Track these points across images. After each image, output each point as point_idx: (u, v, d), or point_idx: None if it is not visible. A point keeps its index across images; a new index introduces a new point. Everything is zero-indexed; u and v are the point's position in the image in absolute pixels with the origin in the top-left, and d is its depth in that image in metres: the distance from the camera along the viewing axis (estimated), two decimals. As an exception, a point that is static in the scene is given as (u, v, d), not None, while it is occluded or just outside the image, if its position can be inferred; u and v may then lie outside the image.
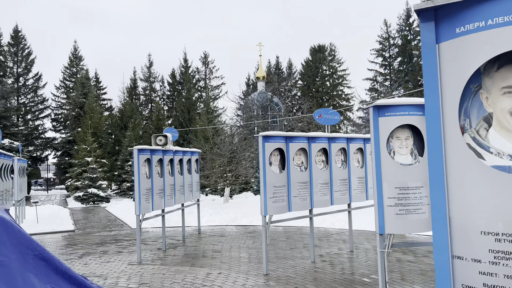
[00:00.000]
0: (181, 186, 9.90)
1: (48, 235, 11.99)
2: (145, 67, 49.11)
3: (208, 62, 49.87)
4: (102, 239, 11.06)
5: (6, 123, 31.17)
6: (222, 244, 9.53)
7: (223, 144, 22.63)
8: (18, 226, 3.94)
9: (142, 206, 7.96)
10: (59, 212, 17.25)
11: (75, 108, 35.56)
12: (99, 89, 48.61)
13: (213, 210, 15.05)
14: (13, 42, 45.09)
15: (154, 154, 8.55)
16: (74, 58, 47.61)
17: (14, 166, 12.81)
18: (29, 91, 45.19)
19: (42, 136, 44.52)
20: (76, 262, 8.18)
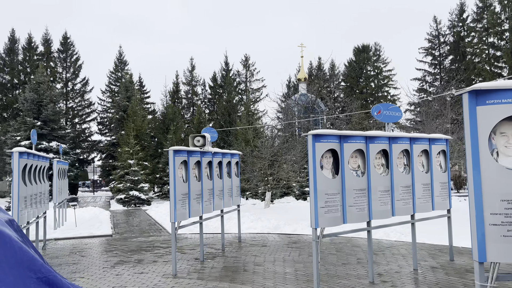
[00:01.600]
0: (220, 190, 9.15)
1: (86, 240, 11.65)
2: (187, 71, 49.40)
3: (248, 65, 49.40)
4: (138, 245, 10.53)
5: (54, 126, 32.05)
6: (264, 256, 8.67)
7: (264, 147, 21.83)
8: (21, 243, 3.24)
9: (178, 212, 7.26)
10: (100, 215, 17.10)
11: (119, 111, 36.13)
12: (143, 93, 49.43)
13: (254, 216, 14.24)
14: (63, 49, 46.78)
15: (192, 155, 7.85)
16: (119, 63, 48.73)
17: (53, 168, 12.63)
18: (77, 96, 46.65)
19: (89, 139, 45.78)
20: (108, 272, 7.60)
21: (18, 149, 7.20)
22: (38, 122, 30.66)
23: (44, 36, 46.17)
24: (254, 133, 25.42)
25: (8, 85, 43.63)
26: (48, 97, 31.78)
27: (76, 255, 9.30)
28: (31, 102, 31.03)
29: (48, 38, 46.20)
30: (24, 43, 45.19)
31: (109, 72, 48.41)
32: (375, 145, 6.30)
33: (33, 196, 8.22)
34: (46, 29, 51.08)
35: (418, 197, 6.94)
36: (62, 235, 11.91)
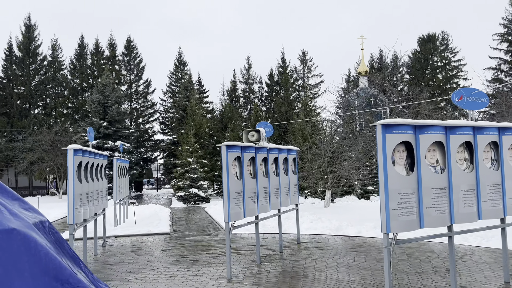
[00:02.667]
0: (277, 189, 8.57)
1: (144, 237, 11.64)
2: (244, 69, 49.46)
3: (306, 60, 48.35)
4: (195, 244, 10.27)
5: (119, 126, 33.42)
6: (326, 260, 7.96)
7: (323, 143, 20.93)
8: (49, 248, 2.87)
9: (232, 212, 6.79)
10: (160, 212, 17.27)
11: (179, 111, 36.93)
12: (202, 93, 50.28)
13: (314, 215, 13.51)
14: (126, 52, 48.84)
15: (246, 151, 7.35)
16: (179, 63, 49.95)
17: (113, 166, 12.81)
18: (140, 97, 48.50)
19: (152, 138, 47.43)
20: (162, 273, 7.33)
21: (72, 146, 7.13)
22: (104, 123, 32.12)
23: (110, 41, 48.50)
24: (312, 129, 24.58)
25: (79, 88, 46.37)
26: (113, 99, 33.19)
27: (133, 254, 9.21)
28: (98, 103, 32.58)
29: (113, 43, 48.46)
30: (92, 48, 47.82)
31: (170, 73, 49.80)
32: (457, 136, 5.37)
33: (90, 194, 8.18)
34: (111, 34, 53.67)
35: (509, 197, 5.87)
36: (122, 233, 12.02)
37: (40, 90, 44.83)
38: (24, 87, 43.93)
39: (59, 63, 46.26)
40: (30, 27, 45.41)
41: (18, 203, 3.44)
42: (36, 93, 44.59)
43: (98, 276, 7.08)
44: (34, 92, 44.35)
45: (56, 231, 3.60)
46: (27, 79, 44.03)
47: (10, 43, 45.20)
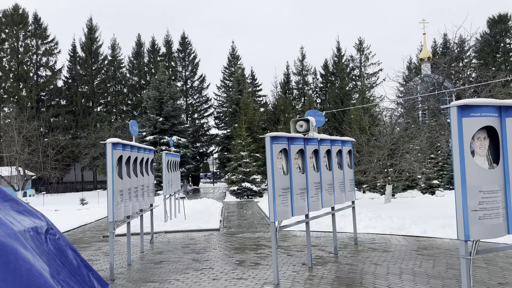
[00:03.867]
0: (330, 184, 7.75)
1: (193, 233, 11.32)
2: (298, 61, 48.38)
3: (363, 49, 46.22)
4: (243, 242, 9.73)
5: (174, 121, 33.96)
6: (387, 265, 7.03)
7: (382, 135, 19.54)
8: (34, 263, 2.36)
9: (278, 210, 6.11)
10: (212, 206, 17.02)
11: (232, 105, 36.80)
12: (255, 86, 49.92)
13: (372, 213, 12.45)
14: (181, 48, 49.68)
15: (293, 143, 6.61)
16: (232, 58, 49.96)
17: (162, 161, 12.62)
18: (195, 92, 49.19)
19: (207, 133, 47.97)
20: (206, 275, 6.83)
21: (111, 140, 6.82)
22: (160, 118, 32.76)
23: (166, 38, 49.59)
24: (370, 120, 23.15)
25: (137, 86, 47.96)
26: (168, 94, 33.74)
27: (179, 252, 8.85)
28: (154, 99, 33.28)
29: (169, 40, 49.50)
30: (148, 46, 49.18)
31: (223, 68, 49.97)
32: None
33: (133, 190, 7.89)
34: (167, 32, 54.92)
35: None
36: (172, 228, 11.80)
37: (101, 88, 46.93)
38: (87, 86, 46.19)
39: (118, 62, 48.09)
40: (91, 28, 47.57)
41: (9, 205, 2.78)
42: (98, 91, 46.72)
43: (140, 277, 6.74)
44: (96, 90, 46.51)
45: (59, 238, 3.00)
46: (89, 79, 46.25)
47: (74, 44, 47.71)
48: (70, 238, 11.48)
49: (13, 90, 43.58)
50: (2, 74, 43.74)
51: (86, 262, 3.05)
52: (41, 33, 46.14)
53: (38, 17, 46.73)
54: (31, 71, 45.25)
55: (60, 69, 47.14)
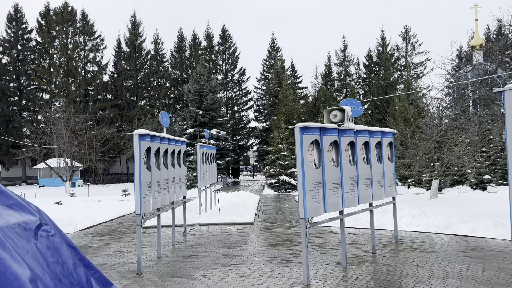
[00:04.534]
0: (368, 179, 7.22)
1: (227, 227, 11.14)
2: (339, 51, 47.13)
3: (409, 37, 44.17)
4: (276, 238, 9.40)
5: (214, 114, 34.08)
6: (430, 267, 6.45)
7: (428, 127, 18.44)
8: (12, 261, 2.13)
9: (309, 205, 5.71)
10: (248, 199, 16.82)
11: (271, 97, 36.43)
12: (295, 78, 49.19)
13: (416, 209, 11.69)
14: (222, 42, 49.79)
15: (326, 134, 6.16)
16: (272, 50, 49.46)
17: (197, 153, 12.51)
18: (235, 85, 49.21)
19: (247, 126, 47.92)
20: (234, 271, 6.58)
21: (139, 131, 6.69)
22: (200, 111, 32.98)
23: (206, 31, 49.88)
24: (416, 112, 21.98)
25: (179, 79, 48.69)
26: (208, 87, 33.88)
27: (210, 246, 8.67)
28: (194, 92, 33.55)
29: (210, 33, 49.74)
30: (190, 40, 49.71)
31: (263, 60, 49.58)
32: None
33: (163, 182, 7.76)
34: (208, 25, 55.21)
35: None
36: (206, 221, 11.68)
37: (145, 82, 48.05)
38: (132, 80, 47.46)
39: (161, 56, 48.99)
40: (135, 23, 48.71)
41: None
42: (142, 85, 47.88)
43: (167, 271, 6.58)
44: (140, 84, 47.68)
45: (54, 234, 2.73)
46: (133, 73, 47.48)
47: (118, 40, 49.09)
48: (107, 228, 11.67)
49: (63, 85, 45.58)
50: (53, 70, 45.84)
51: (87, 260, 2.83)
52: (88, 30, 47.83)
53: (86, 14, 48.46)
54: (79, 66, 47.08)
55: (106, 64, 48.76)
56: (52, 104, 43.69)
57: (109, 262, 7.44)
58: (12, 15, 47.14)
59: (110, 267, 7.02)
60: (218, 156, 32.10)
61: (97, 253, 8.30)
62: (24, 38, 47.42)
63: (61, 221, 11.55)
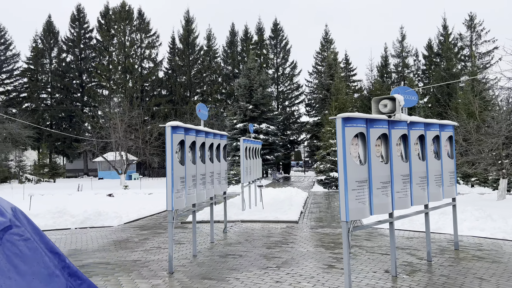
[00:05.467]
0: (423, 177, 6.38)
1: (270, 224, 10.66)
2: (397, 42, 44.85)
3: (474, 25, 40.97)
4: (320, 239, 8.77)
5: (264, 109, 33.71)
6: (497, 281, 5.53)
7: (496, 121, 16.71)
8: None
9: (352, 207, 5.05)
10: (295, 196, 16.22)
11: (322, 91, 35.37)
12: (349, 71, 47.53)
13: (481, 212, 10.46)
14: (273, 35, 49.24)
15: (373, 126, 5.44)
16: (325, 42, 48.14)
17: (240, 148, 12.11)
18: (286, 79, 48.50)
19: (298, 120, 47.10)
20: (270, 275, 6.07)
21: (171, 123, 6.36)
22: (250, 106, 32.74)
23: (258, 26, 49.56)
24: (482, 104, 20.10)
25: (230, 75, 48.88)
26: (258, 82, 33.54)
27: (249, 245, 8.22)
28: (244, 87, 33.36)
29: (261, 27, 49.37)
30: (241, 35, 49.66)
31: (315, 53, 48.44)
32: None
33: (199, 176, 7.41)
34: (259, 19, 54.94)
35: None
36: (248, 217, 11.28)
37: (198, 78, 48.75)
38: (185, 76, 48.34)
39: (213, 52, 49.41)
40: (188, 20, 49.48)
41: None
42: (195, 81, 48.63)
43: (199, 271, 6.21)
44: (193, 80, 48.46)
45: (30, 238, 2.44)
46: (187, 69, 48.32)
47: (173, 37, 50.16)
48: (151, 222, 11.63)
49: (121, 82, 47.42)
50: (112, 67, 47.81)
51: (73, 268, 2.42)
52: (145, 28, 49.32)
53: (142, 12, 49.98)
54: (136, 63, 48.71)
55: (161, 61, 50.06)
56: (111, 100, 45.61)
57: (143, 258, 7.23)
58: (75, 16, 49.75)
59: (143, 264, 6.79)
60: (267, 151, 31.71)
61: (134, 248, 8.16)
62: (86, 37, 49.90)
63: (107, 214, 11.68)
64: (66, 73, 48.39)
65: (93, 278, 6.00)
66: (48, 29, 48.85)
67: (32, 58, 47.71)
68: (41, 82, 48.14)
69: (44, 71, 48.41)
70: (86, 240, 9.03)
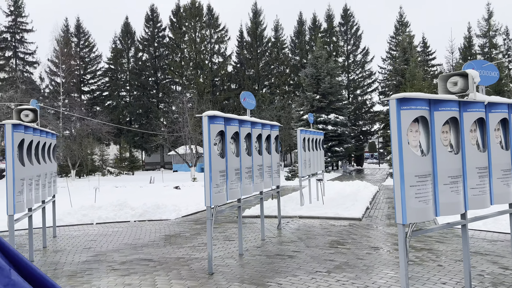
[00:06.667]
0: (506, 170, 5.18)
1: (329, 221, 9.85)
2: (482, 20, 40.53)
3: None
4: (384, 239, 7.81)
5: (332, 98, 32.38)
6: None
7: None
8: None
9: (410, 206, 4.16)
10: (363, 190, 15.10)
11: (396, 77, 33.06)
12: (427, 55, 44.10)
13: None
14: (343, 22, 47.24)
15: (438, 108, 4.46)
16: (399, 25, 45.14)
17: (297, 139, 11.40)
18: (357, 67, 46.33)
19: (370, 110, 44.80)
20: (318, 281, 5.36)
21: (208, 113, 5.88)
22: (317, 96, 31.63)
23: (327, 12, 47.88)
24: None
25: (298, 65, 47.87)
26: (325, 70, 32.27)
27: (301, 244, 7.54)
28: (311, 77, 32.30)
29: (330, 14, 47.63)
30: (309, 24, 48.36)
31: (389, 38, 45.64)
32: None
33: (244, 170, 6.89)
34: (329, 5, 53.02)
35: None
36: (306, 213, 10.56)
37: (266, 70, 48.47)
38: (253, 69, 48.32)
39: (281, 43, 48.74)
40: (256, 12, 49.30)
41: None
42: (263, 73, 48.41)
43: (240, 273, 5.69)
44: (261, 73, 48.29)
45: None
46: (255, 62, 48.24)
47: (241, 30, 50.37)
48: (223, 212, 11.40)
49: (193, 77, 48.77)
50: (184, 64, 49.32)
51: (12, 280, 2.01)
52: (214, 23, 50.12)
53: (211, 7, 50.81)
54: (206, 58, 49.74)
55: (229, 55, 50.59)
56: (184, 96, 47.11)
57: (187, 256, 6.91)
58: (149, 16, 52.05)
59: (185, 263, 6.45)
60: (336, 142, 30.44)
61: (182, 244, 7.90)
62: (159, 36, 52.00)
63: (165, 207, 11.69)
64: (142, 71, 50.90)
65: (131, 276, 5.77)
66: (126, 30, 51.68)
67: (112, 58, 50.87)
68: (120, 80, 51.20)
69: (123, 70, 51.39)
70: (139, 234, 9.00)
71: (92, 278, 5.75)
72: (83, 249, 7.59)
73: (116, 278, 5.68)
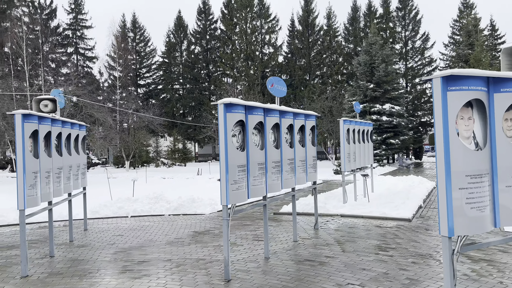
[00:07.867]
0: None
1: (374, 222, 8.87)
2: None
3: None
4: (436, 246, 6.75)
5: (387, 87, 30.48)
6: None
7: None
8: None
9: (458, 215, 3.24)
10: (417, 187, 13.77)
11: (459, 63, 30.41)
12: (495, 39, 40.36)
13: None
14: (401, 6, 44.52)
15: (499, 89, 3.46)
16: (464, 7, 41.68)
17: (340, 130, 10.45)
18: (416, 54, 43.53)
19: (431, 100, 41.88)
20: (345, 295, 4.55)
21: (223, 101, 5.23)
22: (371, 85, 29.93)
23: (383, -3, 45.31)
24: None
25: (352, 53, 45.86)
26: (380, 58, 30.42)
27: (336, 248, 6.71)
28: (364, 64, 30.63)
29: (386, -1, 45.02)
30: (364, 9, 46.09)
31: (452, 21, 42.33)
32: None
33: (271, 164, 6.19)
34: (385, -10, 50.08)
35: None
36: (349, 212, 9.64)
37: (317, 60, 47.01)
38: (304, 59, 47.05)
39: (334, 31, 46.97)
40: (308, 0, 47.83)
41: None
42: (314, 63, 47.01)
43: (259, 281, 5.04)
44: (312, 62, 46.92)
45: None
46: (306, 51, 46.94)
47: (292, 19, 49.21)
48: (242, 211, 10.83)
49: (243, 69, 48.49)
50: (235, 55, 49.16)
51: None
52: (264, 13, 49.36)
53: (262, -2, 50.08)
54: (257, 50, 49.19)
55: (280, 45, 49.66)
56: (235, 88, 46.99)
57: (208, 257, 6.36)
58: (201, 8, 52.40)
59: (204, 266, 5.90)
60: (391, 134, 28.67)
61: (208, 242, 7.38)
62: (211, 28, 52.22)
63: (201, 201, 11.29)
64: (194, 64, 51.49)
65: (142, 279, 5.32)
66: (179, 24, 52.44)
67: (166, 52, 51.92)
68: (174, 74, 52.18)
69: (176, 63, 52.31)
70: (168, 230, 8.62)
71: (102, 280, 5.37)
72: (106, 245, 7.32)
73: (125, 281, 5.24)
